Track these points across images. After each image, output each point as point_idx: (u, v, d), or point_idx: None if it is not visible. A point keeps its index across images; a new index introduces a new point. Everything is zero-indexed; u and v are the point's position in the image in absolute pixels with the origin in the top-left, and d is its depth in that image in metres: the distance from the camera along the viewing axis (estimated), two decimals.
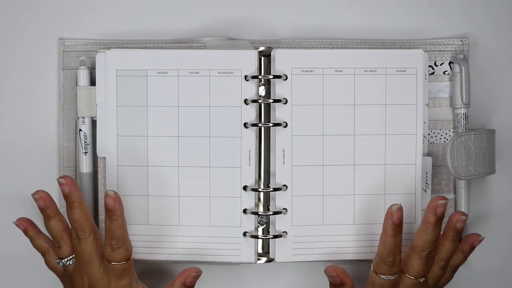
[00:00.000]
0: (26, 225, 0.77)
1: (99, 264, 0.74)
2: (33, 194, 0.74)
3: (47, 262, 0.77)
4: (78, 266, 0.74)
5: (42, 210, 0.74)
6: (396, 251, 0.72)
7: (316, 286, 0.82)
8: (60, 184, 0.73)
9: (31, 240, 0.77)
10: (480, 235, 0.78)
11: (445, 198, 0.73)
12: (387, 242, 0.72)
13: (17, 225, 0.77)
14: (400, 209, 0.72)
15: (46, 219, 0.74)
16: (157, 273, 0.78)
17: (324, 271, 0.76)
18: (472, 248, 0.78)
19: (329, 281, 0.76)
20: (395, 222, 0.72)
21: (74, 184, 0.73)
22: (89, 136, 0.79)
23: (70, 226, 0.74)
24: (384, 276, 0.73)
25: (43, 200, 0.74)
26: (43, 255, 0.77)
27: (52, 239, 0.75)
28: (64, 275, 0.77)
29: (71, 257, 0.75)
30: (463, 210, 0.80)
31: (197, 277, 0.75)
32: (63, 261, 0.75)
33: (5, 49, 0.82)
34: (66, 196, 0.73)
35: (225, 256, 0.78)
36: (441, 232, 0.74)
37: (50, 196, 0.74)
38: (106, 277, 0.73)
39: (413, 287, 0.74)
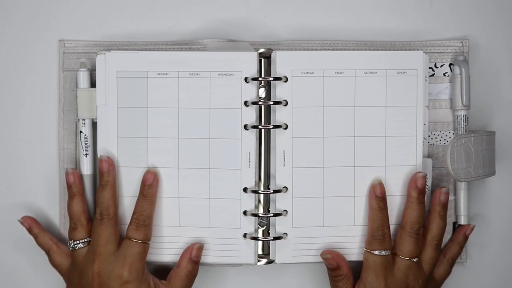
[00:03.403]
0: (30, 223, 0.79)
1: (114, 249, 0.75)
2: (66, 169, 0.78)
3: (51, 260, 0.78)
4: (91, 250, 0.75)
5: (69, 186, 0.77)
6: (385, 225, 0.76)
7: (316, 287, 0.82)
8: (100, 160, 0.76)
9: (35, 238, 0.78)
10: (471, 224, 0.80)
11: (424, 173, 0.77)
12: (375, 217, 0.76)
13: (22, 223, 0.78)
14: (381, 183, 0.76)
15: (70, 197, 0.77)
16: (157, 274, 0.78)
17: (320, 255, 0.77)
18: (465, 237, 0.80)
19: (326, 265, 0.77)
20: (379, 195, 0.76)
21: (113, 165, 0.76)
22: (90, 137, 0.79)
23: (96, 206, 0.76)
24: (377, 252, 0.75)
25: (73, 176, 0.77)
26: (47, 252, 0.78)
27: (69, 219, 0.77)
28: (68, 270, 0.77)
29: (84, 240, 0.76)
30: (462, 212, 0.81)
31: (200, 249, 0.77)
32: (75, 242, 0.76)
33: (5, 50, 0.82)
34: (102, 174, 0.76)
35: (225, 257, 0.78)
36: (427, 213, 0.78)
37: (80, 177, 0.77)
38: (122, 259, 0.74)
39: (407, 269, 0.76)
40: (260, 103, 0.77)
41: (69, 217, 0.77)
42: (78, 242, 0.76)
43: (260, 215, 0.78)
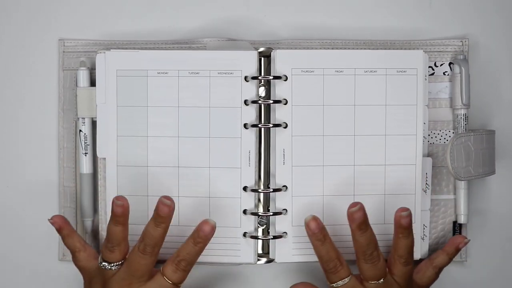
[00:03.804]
0: (61, 224, 0.76)
1: (147, 279, 0.73)
2: (115, 200, 0.72)
3: (76, 261, 0.76)
4: (123, 276, 0.73)
5: (116, 216, 0.72)
6: (332, 256, 0.73)
7: None
8: (162, 203, 0.71)
9: (64, 238, 0.76)
10: (466, 237, 0.79)
11: (358, 204, 0.72)
12: (320, 253, 0.74)
13: (52, 223, 0.76)
14: (314, 218, 0.73)
15: (115, 224, 0.73)
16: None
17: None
18: (457, 250, 0.78)
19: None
20: (314, 231, 0.73)
21: (172, 209, 0.72)
22: (89, 136, 0.79)
23: (142, 237, 0.72)
24: (335, 284, 0.74)
25: (122, 209, 0.72)
26: (74, 253, 0.76)
27: (107, 239, 0.73)
28: (92, 274, 0.75)
29: (119, 263, 0.74)
30: (462, 211, 0.80)
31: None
32: (110, 265, 0.74)
33: (5, 49, 0.82)
34: (160, 216, 0.72)
35: (225, 256, 0.78)
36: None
37: (129, 206, 0.73)
38: None
39: None
40: (260, 102, 0.77)
41: (106, 237, 0.74)
42: (113, 264, 0.74)
43: (260, 214, 0.78)
